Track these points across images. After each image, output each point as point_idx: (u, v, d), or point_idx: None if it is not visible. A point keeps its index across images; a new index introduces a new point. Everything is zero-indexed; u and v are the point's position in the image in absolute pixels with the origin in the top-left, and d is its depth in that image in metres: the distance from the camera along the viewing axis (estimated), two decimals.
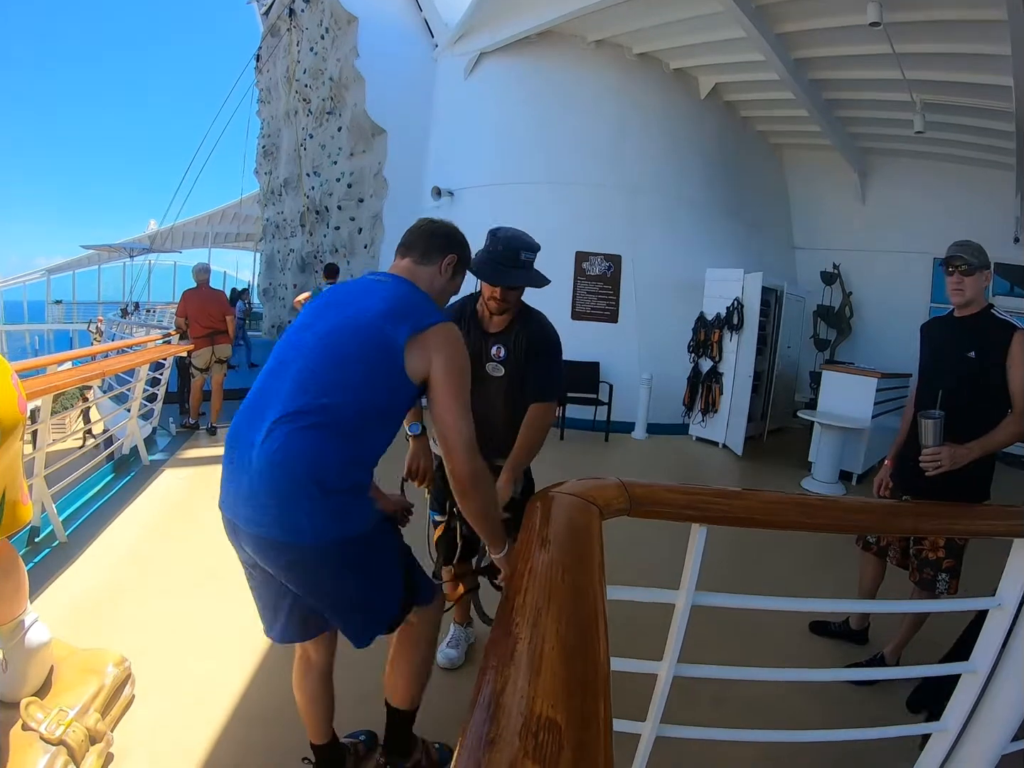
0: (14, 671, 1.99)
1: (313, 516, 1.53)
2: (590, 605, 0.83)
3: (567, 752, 0.57)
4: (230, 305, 6.83)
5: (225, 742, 2.29)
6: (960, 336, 2.66)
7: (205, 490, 4.83)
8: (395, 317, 1.64)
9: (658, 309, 8.79)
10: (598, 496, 1.25)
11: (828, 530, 1.58)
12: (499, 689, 0.64)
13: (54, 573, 3.23)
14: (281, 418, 1.55)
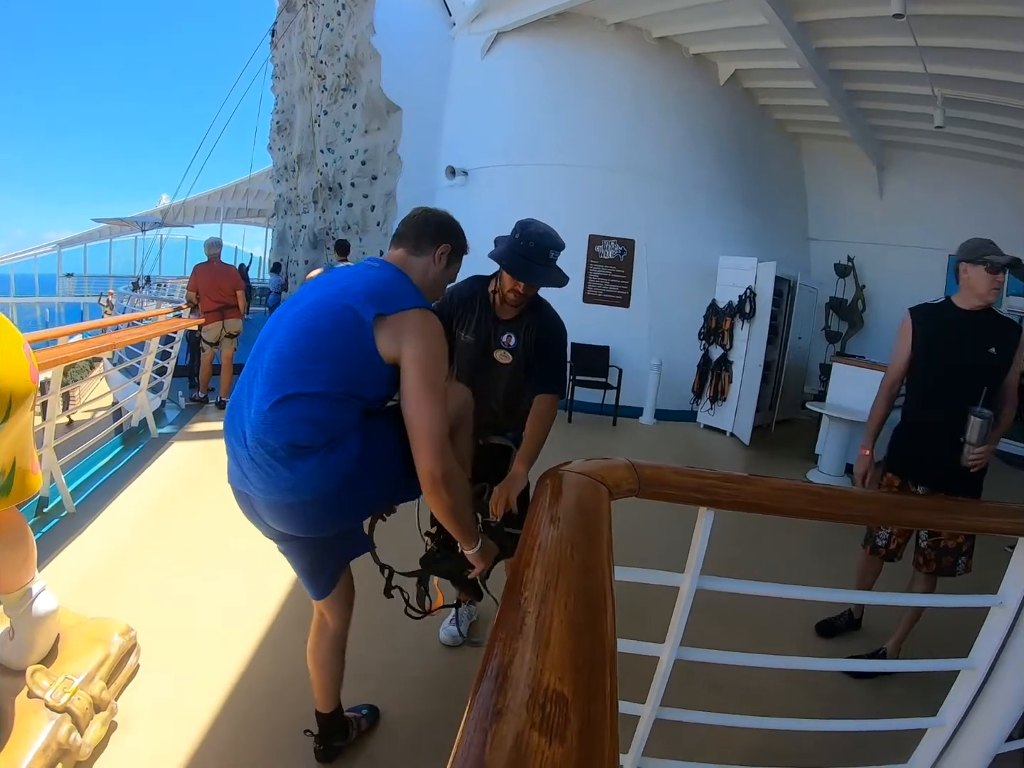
0: (21, 639, 2.01)
1: (302, 474, 1.59)
2: (599, 583, 0.83)
3: (574, 724, 0.57)
4: (242, 279, 6.82)
5: (227, 715, 2.31)
6: (979, 331, 2.66)
7: (213, 463, 4.82)
8: (368, 298, 1.65)
9: (670, 295, 8.75)
10: (607, 476, 1.24)
11: (835, 519, 1.57)
12: (507, 661, 0.64)
13: (62, 543, 3.25)
14: (263, 391, 1.62)
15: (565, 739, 0.55)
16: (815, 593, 1.50)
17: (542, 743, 0.54)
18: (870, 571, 3.07)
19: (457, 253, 1.97)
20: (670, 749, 1.55)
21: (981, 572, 4.01)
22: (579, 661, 0.66)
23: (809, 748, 2.23)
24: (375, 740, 2.26)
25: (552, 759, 0.52)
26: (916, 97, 7.62)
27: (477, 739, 0.54)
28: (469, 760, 0.52)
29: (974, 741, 1.54)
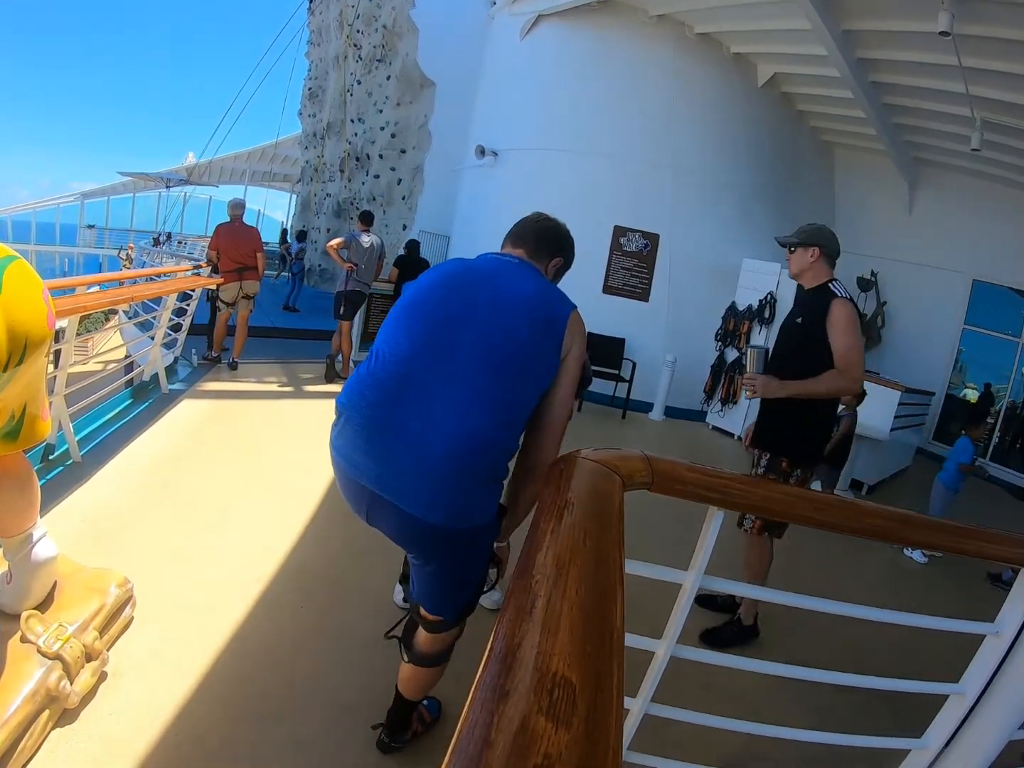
0: (18, 583, 2.02)
1: (481, 504, 1.60)
2: (610, 572, 0.81)
3: (581, 711, 0.56)
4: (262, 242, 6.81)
5: (218, 672, 2.31)
6: (798, 305, 3.06)
7: (221, 422, 4.90)
8: (552, 299, 1.69)
9: (690, 293, 8.73)
10: (622, 466, 1.23)
11: (839, 530, 1.55)
12: (516, 643, 0.63)
13: (66, 491, 3.26)
14: (472, 410, 1.54)
15: (572, 725, 0.54)
16: (817, 604, 1.48)
17: (548, 728, 0.52)
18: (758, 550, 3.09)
19: (566, 267, 2.01)
20: (652, 745, 1.54)
21: (962, 598, 3.98)
22: (588, 649, 0.64)
23: (792, 754, 2.25)
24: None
25: (558, 744, 0.51)
26: (955, 117, 7.53)
27: (483, 719, 0.53)
28: (474, 740, 0.51)
29: (958, 766, 1.52)
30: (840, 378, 2.74)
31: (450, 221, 11.16)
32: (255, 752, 2.04)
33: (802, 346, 2.88)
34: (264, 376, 6.52)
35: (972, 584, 4.43)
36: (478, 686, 0.59)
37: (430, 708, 2.24)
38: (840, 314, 2.77)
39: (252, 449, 4.47)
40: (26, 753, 1.79)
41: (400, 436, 1.53)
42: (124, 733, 1.98)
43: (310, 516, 3.60)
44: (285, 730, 2.13)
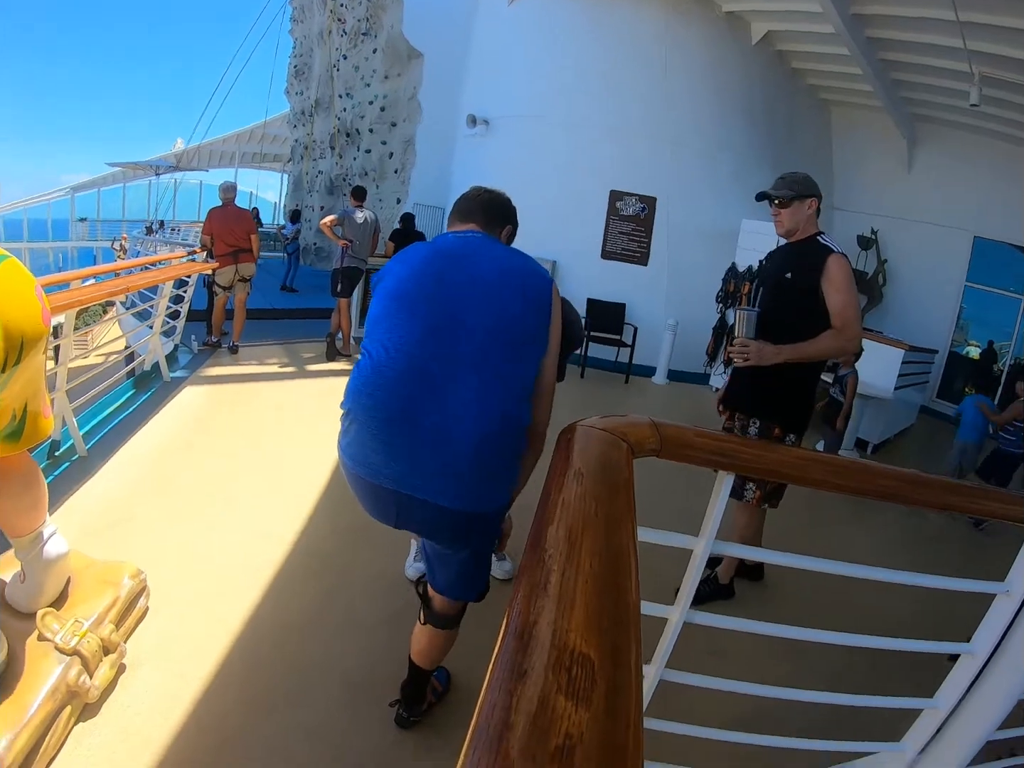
0: (32, 582, 2.02)
1: (510, 482, 1.63)
2: (623, 541, 0.79)
3: (600, 688, 0.54)
4: (254, 223, 6.76)
5: (231, 659, 2.33)
6: (784, 260, 2.89)
7: (225, 407, 4.90)
8: (535, 271, 1.70)
9: (689, 255, 8.65)
10: (630, 433, 1.21)
11: (854, 492, 1.53)
12: (531, 620, 0.61)
13: (74, 486, 3.25)
14: (488, 392, 1.54)
15: (591, 703, 0.52)
16: (829, 566, 1.47)
17: (568, 707, 0.51)
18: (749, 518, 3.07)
19: (514, 235, 2.01)
20: (665, 711, 1.54)
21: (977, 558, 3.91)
22: (605, 623, 0.63)
23: (804, 719, 2.23)
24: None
25: (579, 723, 0.50)
26: (953, 73, 7.37)
27: (502, 700, 0.52)
28: (494, 722, 0.50)
29: (968, 726, 1.52)
30: (838, 338, 2.63)
31: (444, 193, 11.00)
32: (273, 737, 2.06)
33: (793, 305, 2.75)
34: (265, 358, 6.50)
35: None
36: (495, 666, 0.57)
37: (439, 678, 2.25)
38: (837, 270, 2.65)
39: (257, 433, 4.46)
40: (50, 750, 1.81)
41: (422, 432, 1.53)
42: (144, 724, 2.00)
43: (317, 497, 3.60)
44: (301, 714, 2.15)
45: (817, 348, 2.65)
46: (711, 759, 1.58)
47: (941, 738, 1.56)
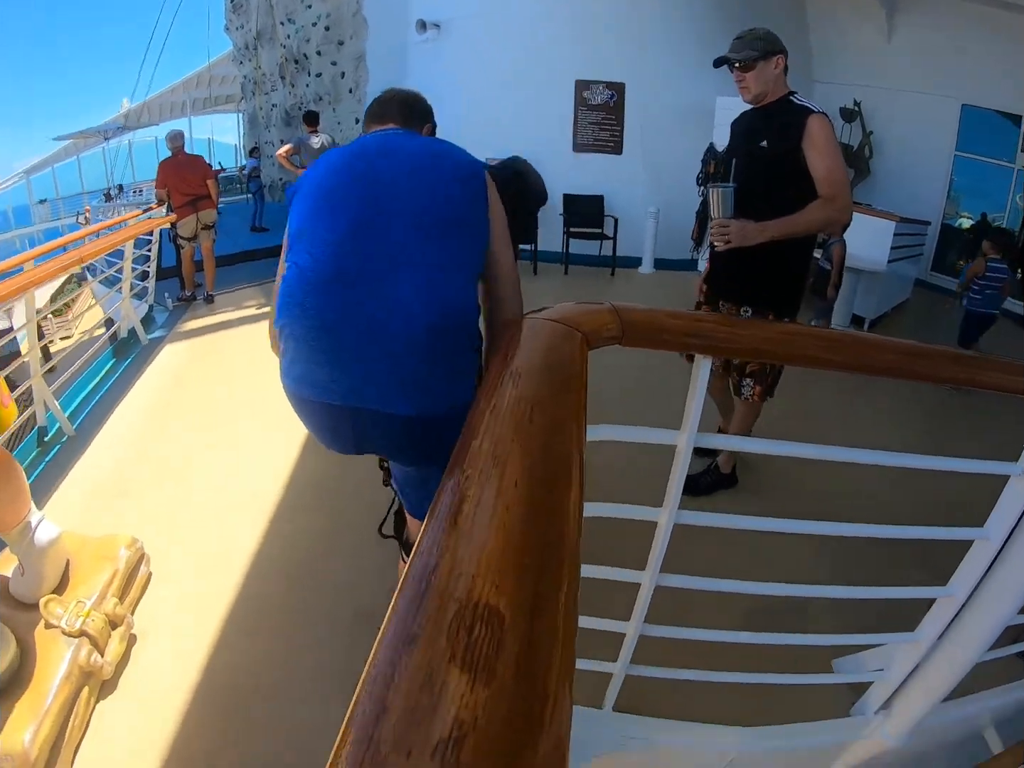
0: (31, 572, 2.00)
1: (468, 377, 1.44)
2: (565, 449, 0.67)
3: (508, 652, 0.43)
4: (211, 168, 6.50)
5: (244, 604, 2.33)
6: (754, 126, 2.59)
7: (207, 360, 4.80)
8: (464, 155, 1.54)
9: (665, 140, 8.22)
10: (584, 322, 1.06)
11: (849, 369, 1.36)
12: (430, 564, 0.50)
13: (67, 467, 3.18)
14: (429, 278, 1.37)
15: (495, 674, 0.41)
16: (821, 452, 1.34)
17: (462, 682, 0.40)
18: (746, 413, 2.92)
19: (434, 134, 1.84)
20: (662, 618, 1.45)
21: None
22: (525, 560, 0.51)
23: (814, 613, 2.22)
24: None
25: (473, 704, 0.39)
26: None
27: (384, 674, 0.41)
28: (372, 704, 0.40)
29: (985, 613, 1.44)
30: (827, 208, 2.36)
31: None
32: (290, 679, 2.06)
33: (772, 175, 2.46)
34: (243, 302, 6.32)
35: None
36: (386, 626, 0.46)
37: None
38: (820, 132, 2.36)
39: (242, 379, 4.33)
40: (75, 734, 1.82)
41: (364, 331, 1.34)
42: (164, 690, 2.00)
43: (306, 434, 3.52)
44: (317, 654, 2.15)
45: (805, 221, 2.37)
46: (718, 662, 1.51)
47: (957, 626, 1.48)
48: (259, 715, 1.94)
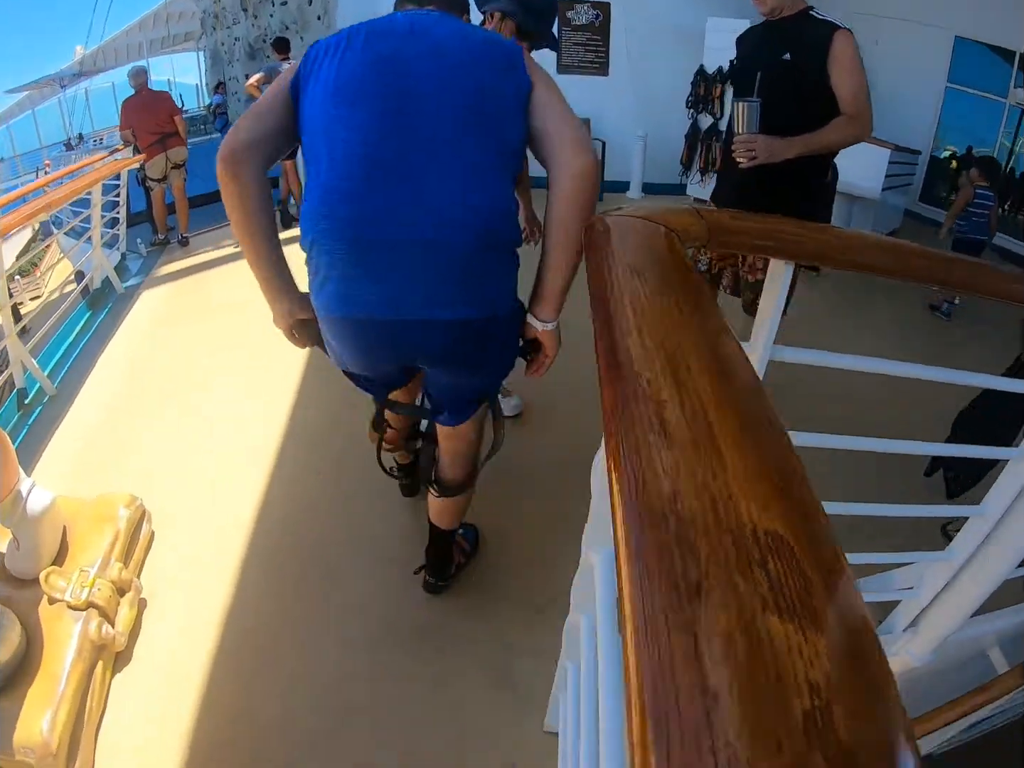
0: (27, 545, 1.85)
1: (506, 280, 1.36)
2: (734, 351, 0.54)
3: (818, 585, 0.31)
4: (175, 104, 6.14)
5: (250, 562, 2.21)
6: (773, 39, 2.45)
7: (188, 304, 4.56)
8: (498, 39, 1.40)
9: (653, 61, 7.87)
10: (673, 220, 0.91)
11: (893, 275, 1.27)
12: (666, 490, 0.36)
13: (51, 428, 3.01)
14: (467, 174, 1.25)
15: (818, 617, 0.29)
16: (881, 364, 1.23)
17: (791, 633, 0.28)
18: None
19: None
20: None
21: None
22: (776, 480, 0.38)
23: (842, 530, 2.13)
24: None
25: (812, 654, 0.27)
26: None
27: (680, 649, 0.28)
28: (681, 691, 0.27)
29: (1017, 532, 1.37)
30: (852, 125, 2.29)
31: None
32: (306, 624, 1.99)
33: (798, 90, 2.34)
34: (219, 242, 5.98)
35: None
36: (631, 588, 0.33)
37: (467, 536, 2.16)
38: (845, 48, 2.27)
39: (226, 321, 4.13)
40: (95, 712, 1.70)
41: (401, 239, 1.24)
42: (181, 654, 1.89)
43: (301, 373, 3.38)
44: (332, 597, 2.07)
45: (830, 138, 2.30)
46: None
47: (989, 545, 1.42)
48: (286, 673, 1.84)
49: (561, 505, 2.41)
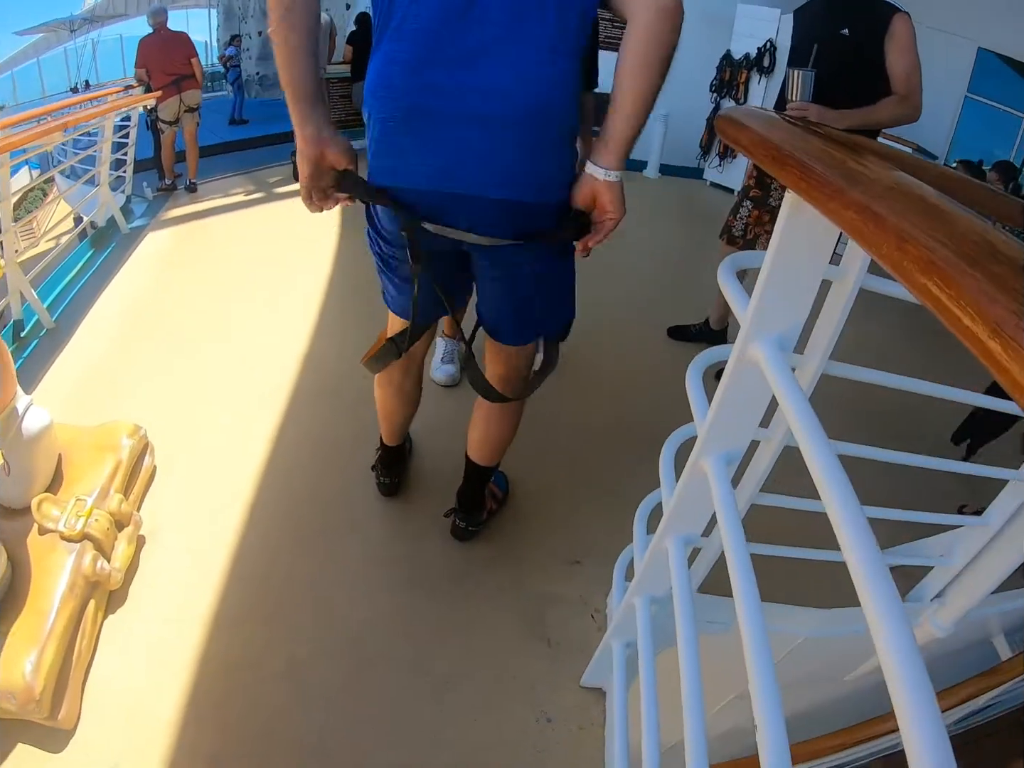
0: (18, 469, 1.68)
1: (564, 168, 1.32)
2: None
3: None
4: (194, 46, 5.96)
5: (258, 502, 2.10)
6: (833, 13, 2.53)
7: (196, 247, 4.44)
8: None
9: (680, 43, 7.73)
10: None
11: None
12: None
13: (48, 360, 2.87)
14: (526, 59, 1.19)
15: None
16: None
17: None
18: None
19: None
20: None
21: None
22: None
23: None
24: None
25: None
26: None
27: None
28: None
29: None
30: (903, 105, 2.39)
31: None
32: (321, 572, 1.87)
33: (854, 65, 2.44)
34: (228, 190, 5.86)
35: None
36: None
37: (498, 483, 2.09)
38: (904, 31, 2.38)
39: (236, 264, 4.03)
40: (84, 655, 1.56)
41: (458, 111, 1.21)
42: (180, 599, 1.76)
43: (316, 313, 3.31)
44: (350, 541, 1.97)
45: (880, 115, 2.42)
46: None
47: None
48: (297, 622, 1.73)
49: (588, 467, 2.34)
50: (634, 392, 2.87)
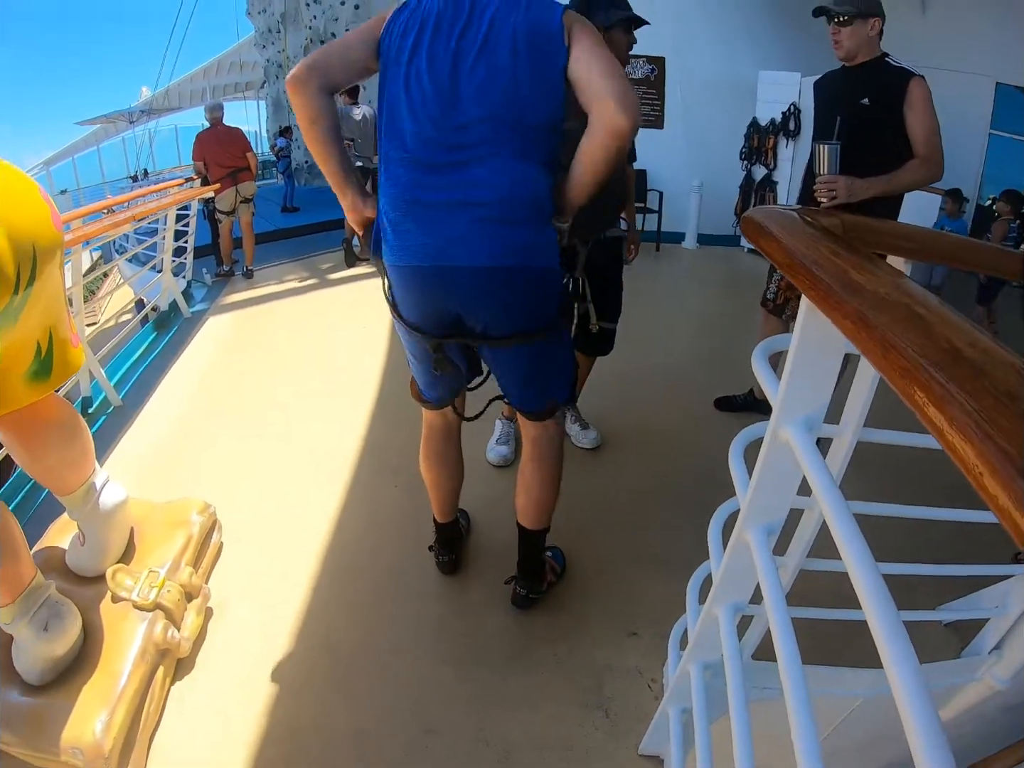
0: (94, 540, 1.79)
1: (540, 238, 1.53)
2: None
3: None
4: (248, 141, 6.35)
5: (328, 571, 2.17)
6: (852, 85, 2.61)
7: (255, 331, 4.65)
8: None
9: (707, 114, 8.01)
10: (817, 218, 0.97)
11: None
12: None
13: (115, 437, 3.02)
14: (505, 166, 1.46)
15: None
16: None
17: None
18: (767, 326, 3.10)
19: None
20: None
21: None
22: None
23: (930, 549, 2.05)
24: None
25: None
26: None
27: None
28: None
29: None
30: (924, 166, 2.44)
31: None
32: (386, 641, 1.91)
33: (877, 134, 2.52)
34: (283, 276, 6.16)
35: None
36: None
37: (556, 557, 2.14)
38: (920, 95, 2.45)
39: (293, 347, 4.23)
40: (151, 719, 1.62)
41: (450, 203, 1.47)
42: (246, 666, 1.82)
43: (374, 396, 3.42)
44: (412, 607, 2.03)
45: (905, 179, 2.46)
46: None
47: None
48: (358, 691, 1.77)
49: (638, 537, 2.37)
50: (682, 458, 2.91)
